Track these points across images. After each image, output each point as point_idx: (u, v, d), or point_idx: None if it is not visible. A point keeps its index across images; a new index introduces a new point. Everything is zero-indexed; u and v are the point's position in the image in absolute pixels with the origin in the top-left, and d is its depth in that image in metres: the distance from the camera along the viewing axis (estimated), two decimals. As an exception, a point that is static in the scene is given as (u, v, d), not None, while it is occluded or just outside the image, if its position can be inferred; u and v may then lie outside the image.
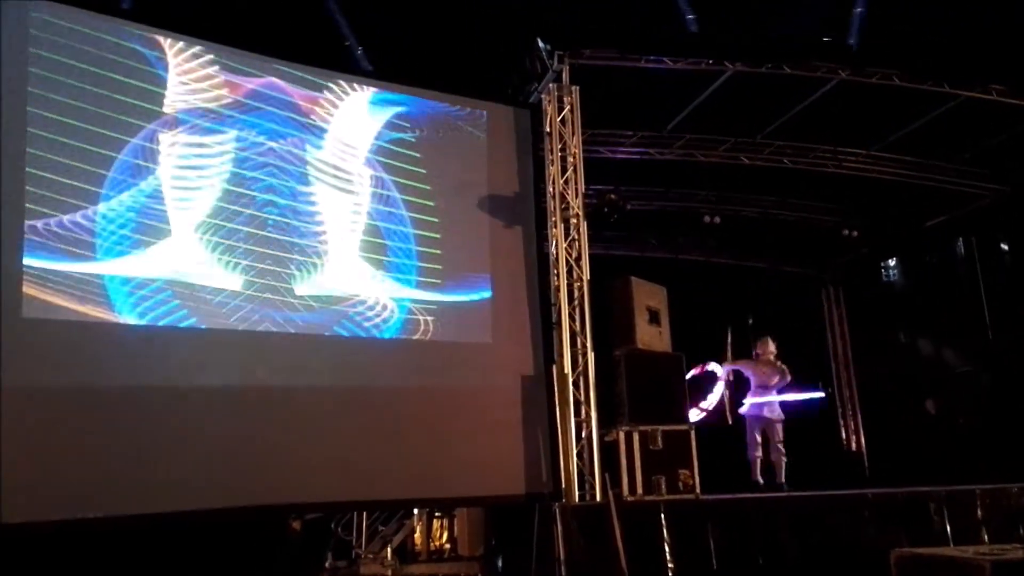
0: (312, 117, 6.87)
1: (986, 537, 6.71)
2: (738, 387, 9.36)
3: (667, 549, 6.11)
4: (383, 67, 7.29)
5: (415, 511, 7.52)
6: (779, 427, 8.96)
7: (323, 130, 6.91)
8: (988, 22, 7.28)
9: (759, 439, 8.91)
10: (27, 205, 5.48)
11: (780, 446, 8.86)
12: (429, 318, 7.00)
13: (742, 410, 9.11)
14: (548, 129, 7.39)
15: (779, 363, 9.30)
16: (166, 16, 6.29)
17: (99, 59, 5.92)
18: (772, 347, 9.39)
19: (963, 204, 10.44)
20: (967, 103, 8.31)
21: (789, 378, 9.26)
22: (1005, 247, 10.51)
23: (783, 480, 8.74)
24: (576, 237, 7.21)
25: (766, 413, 8.96)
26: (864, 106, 8.62)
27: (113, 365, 5.68)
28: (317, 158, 6.82)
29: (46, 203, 5.56)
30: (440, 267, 7.14)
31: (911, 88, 8.06)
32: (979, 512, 6.89)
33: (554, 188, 7.28)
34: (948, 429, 10.50)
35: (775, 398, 9.08)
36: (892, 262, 12.06)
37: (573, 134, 7.33)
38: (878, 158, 9.69)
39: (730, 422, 9.13)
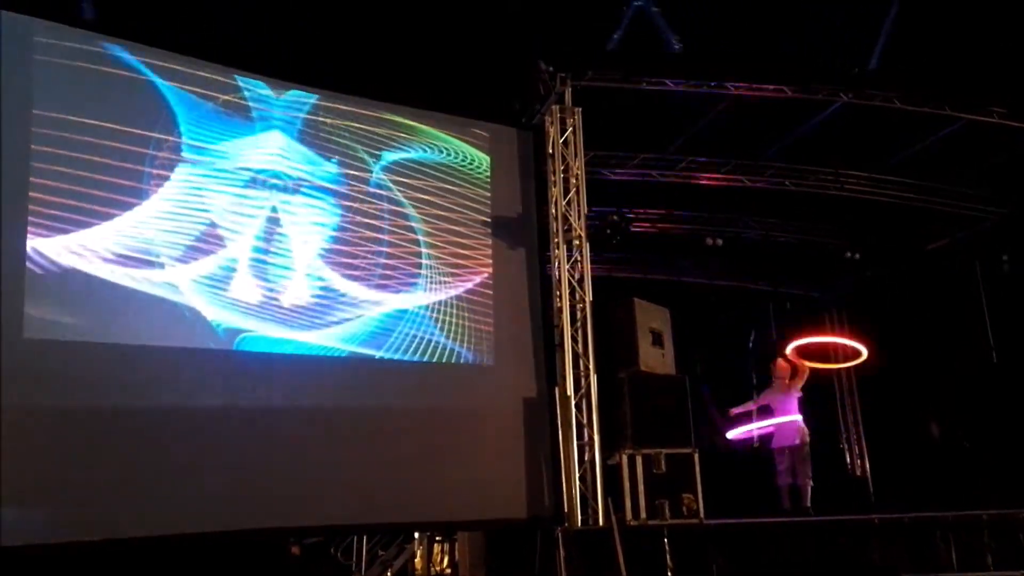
0: (320, 136, 6.88)
1: (991, 563, 6.63)
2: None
3: (670, 574, 6.05)
4: (384, 87, 7.30)
5: (415, 535, 7.45)
6: (805, 450, 8.71)
7: (331, 149, 6.92)
8: (990, 44, 7.29)
9: (787, 465, 8.65)
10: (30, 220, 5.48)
11: (807, 470, 8.58)
12: (431, 339, 6.96)
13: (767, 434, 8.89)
14: (551, 150, 7.40)
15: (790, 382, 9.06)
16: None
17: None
18: (781, 369, 9.22)
19: (966, 226, 10.42)
20: (969, 125, 8.32)
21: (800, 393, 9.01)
22: (1008, 269, 10.47)
23: (808, 504, 8.48)
24: (579, 258, 7.20)
25: (788, 438, 8.74)
26: (866, 129, 8.63)
27: (112, 385, 5.64)
28: (324, 178, 6.82)
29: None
30: (442, 288, 7.12)
31: (913, 111, 8.07)
32: (985, 538, 6.81)
33: (556, 209, 7.28)
34: (953, 453, 10.41)
35: (793, 417, 8.86)
36: (894, 285, 11.99)
37: (575, 155, 7.34)
38: (880, 180, 9.67)
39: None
